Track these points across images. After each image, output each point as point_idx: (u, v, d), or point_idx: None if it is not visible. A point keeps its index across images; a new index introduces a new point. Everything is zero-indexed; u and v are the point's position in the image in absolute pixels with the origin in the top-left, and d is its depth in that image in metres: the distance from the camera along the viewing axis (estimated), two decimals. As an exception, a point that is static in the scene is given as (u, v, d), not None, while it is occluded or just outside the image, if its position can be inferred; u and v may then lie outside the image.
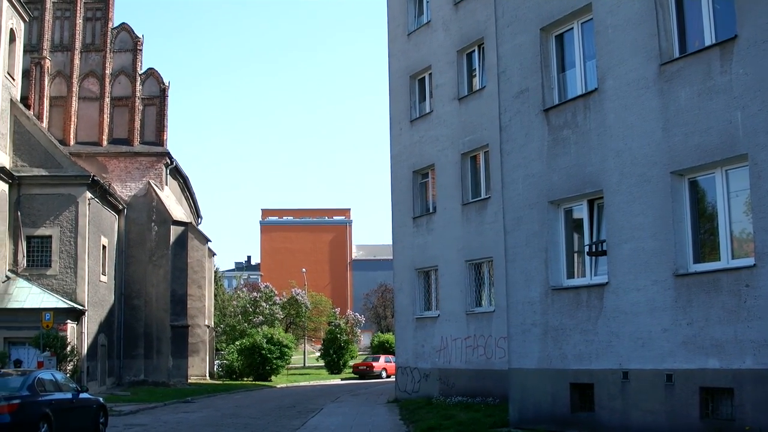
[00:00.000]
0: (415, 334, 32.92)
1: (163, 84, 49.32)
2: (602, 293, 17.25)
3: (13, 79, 40.76)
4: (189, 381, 48.14)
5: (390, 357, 57.60)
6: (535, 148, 19.35)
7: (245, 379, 56.50)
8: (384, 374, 59.29)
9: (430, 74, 33.27)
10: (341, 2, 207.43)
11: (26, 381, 20.70)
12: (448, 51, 31.93)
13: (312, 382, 57.00)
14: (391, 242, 35.61)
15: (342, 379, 60.47)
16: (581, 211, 18.44)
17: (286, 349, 57.93)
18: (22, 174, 39.54)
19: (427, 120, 33.16)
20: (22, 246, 39.27)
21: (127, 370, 46.79)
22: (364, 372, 60.78)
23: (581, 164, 18.01)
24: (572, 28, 19.11)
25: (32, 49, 47.07)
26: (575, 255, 18.79)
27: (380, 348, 69.42)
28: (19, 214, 39.24)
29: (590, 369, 17.46)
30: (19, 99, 41.53)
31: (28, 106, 44.36)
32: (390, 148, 35.42)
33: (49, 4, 48.17)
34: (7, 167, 38.75)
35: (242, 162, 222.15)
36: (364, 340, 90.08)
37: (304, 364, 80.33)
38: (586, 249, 18.14)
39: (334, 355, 66.07)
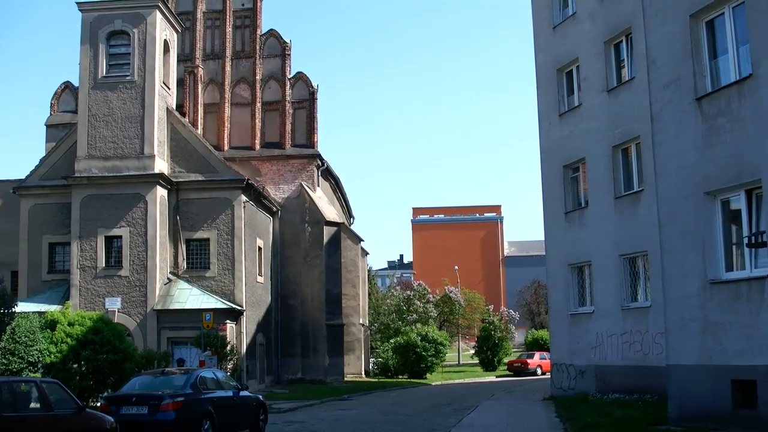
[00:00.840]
0: (569, 331, 32.41)
1: (312, 87, 50.08)
2: (763, 286, 16.57)
3: (169, 89, 42.23)
4: (345, 379, 48.70)
5: (545, 354, 56.82)
6: (689, 138, 18.74)
7: (400, 376, 56.74)
8: (539, 371, 58.55)
9: (578, 66, 32.64)
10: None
11: (189, 379, 21.37)
12: (595, 42, 31.26)
13: (467, 380, 56.79)
14: (543, 238, 35.17)
15: (497, 377, 60.04)
16: (739, 202, 17.76)
17: (441, 347, 57.90)
18: (180, 179, 40.90)
19: (576, 113, 32.57)
20: (182, 249, 40.62)
21: (285, 368, 47.75)
22: (518, 369, 60.17)
23: (738, 153, 17.35)
24: (723, 13, 18.41)
25: (185, 58, 48.66)
26: (733, 247, 18.11)
27: (534, 345, 68.62)
28: (178, 218, 40.62)
29: (752, 365, 16.80)
30: (174, 107, 43.00)
31: (183, 114, 45.85)
32: (539, 143, 34.97)
33: (199, 15, 49.71)
34: (166, 173, 40.19)
35: (392, 161, 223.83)
36: (518, 336, 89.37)
37: (459, 361, 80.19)
38: (745, 241, 17.44)
39: (488, 353, 65.74)
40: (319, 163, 49.78)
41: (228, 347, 36.20)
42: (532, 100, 38.78)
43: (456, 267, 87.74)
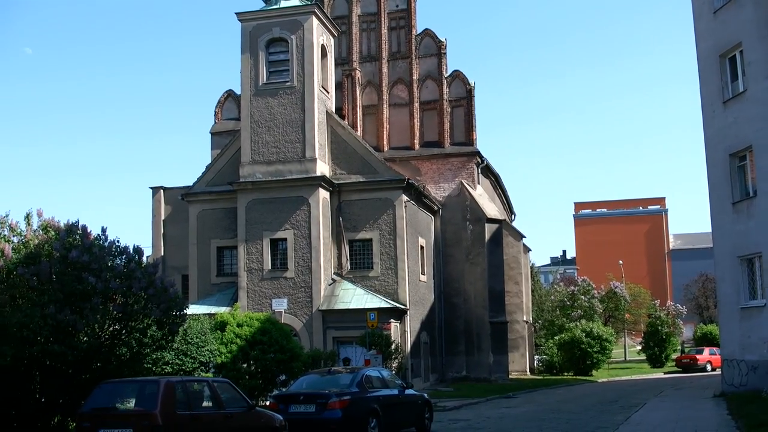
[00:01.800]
0: (740, 325, 31.15)
1: (469, 85, 49.94)
2: None
3: (328, 92, 42.91)
4: (510, 377, 48.38)
5: (714, 349, 55.09)
6: None
7: (565, 374, 56.05)
8: (708, 367, 56.80)
9: (741, 51, 31.33)
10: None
11: (355, 378, 21.62)
12: (759, 26, 29.91)
13: (633, 377, 55.59)
14: (710, 230, 33.93)
15: (664, 373, 58.56)
16: None
17: (606, 343, 56.90)
18: (342, 181, 41.49)
19: (740, 100, 31.27)
20: (345, 250, 41.19)
21: (449, 366, 47.78)
22: (687, 365, 58.53)
23: None
24: None
25: (343, 62, 49.35)
26: None
27: (703, 340, 66.47)
28: (340, 219, 41.23)
29: None
30: (334, 110, 43.67)
31: (342, 117, 46.49)
32: (703, 132, 33.76)
33: (355, 18, 50.33)
34: (328, 176, 40.84)
35: (553, 156, 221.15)
36: (686, 332, 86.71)
37: (625, 357, 78.56)
38: None
39: (655, 348, 64.18)
40: (479, 160, 49.58)
41: (392, 346, 36.43)
42: (694, 88, 37.31)
43: (620, 261, 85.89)
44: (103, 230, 22.18)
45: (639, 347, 74.05)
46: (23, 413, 20.00)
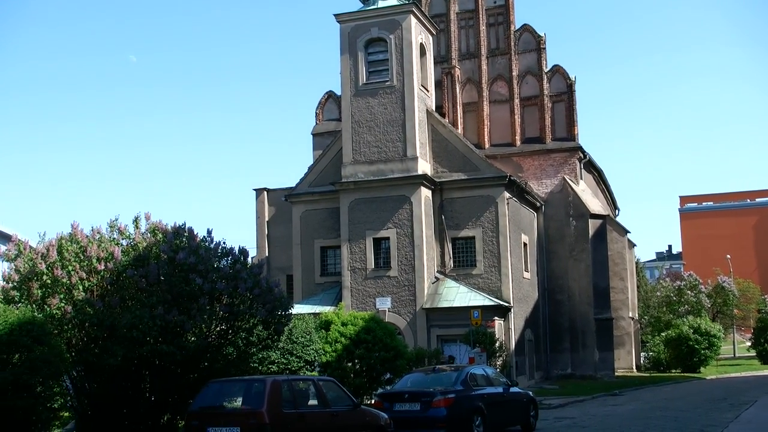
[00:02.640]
0: None
1: (569, 79, 49.37)
2: None
3: (427, 91, 42.93)
4: (615, 374, 47.67)
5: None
6: None
7: (672, 371, 54.97)
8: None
9: None
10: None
11: (460, 376, 21.61)
12: None
13: (743, 374, 54.16)
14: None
15: (776, 370, 56.93)
16: None
17: (714, 340, 55.61)
18: (443, 179, 41.45)
19: None
20: (448, 248, 41.17)
21: (554, 364, 47.34)
22: (801, 362, 56.81)
23: None
24: None
25: (441, 60, 49.32)
26: None
27: (820, 336, 64.26)
28: (443, 217, 41.22)
29: None
30: (434, 108, 43.67)
31: (443, 115, 46.45)
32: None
33: (453, 16, 50.21)
34: (429, 174, 40.85)
35: (657, 150, 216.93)
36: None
37: (734, 354, 76.59)
38: None
39: (766, 345, 62.37)
40: (581, 155, 48.97)
41: (497, 344, 36.24)
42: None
43: (728, 256, 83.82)
44: (209, 232, 22.64)
45: (749, 343, 72.02)
46: (134, 412, 20.51)
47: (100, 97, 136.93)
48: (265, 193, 47.53)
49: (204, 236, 22.43)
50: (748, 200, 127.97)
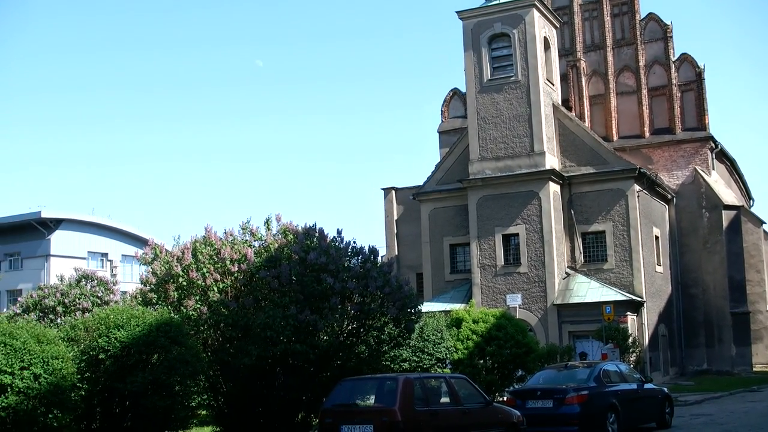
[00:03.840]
0: None
1: (698, 67, 48.08)
2: None
3: (553, 85, 42.54)
4: (753, 369, 46.21)
5: None
6: None
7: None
8: None
9: None
10: None
11: (593, 373, 21.32)
12: None
13: None
14: None
15: None
16: None
17: None
18: (571, 174, 41.02)
19: None
20: (578, 243, 40.72)
21: (689, 359, 46.23)
22: None
23: None
24: None
25: (566, 53, 48.71)
26: None
27: None
28: (572, 212, 40.78)
29: None
30: (560, 102, 43.25)
31: (569, 108, 45.96)
32: None
33: (576, 8, 49.51)
34: (557, 169, 40.47)
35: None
36: None
37: None
38: None
39: None
40: (713, 145, 47.68)
41: (630, 339, 35.62)
42: None
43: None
44: (339, 232, 22.95)
45: None
46: (269, 410, 20.92)
47: (230, 101, 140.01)
48: (393, 192, 47.85)
49: (334, 236, 22.74)
50: None
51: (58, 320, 30.69)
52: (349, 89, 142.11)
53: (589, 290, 38.87)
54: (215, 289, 21.05)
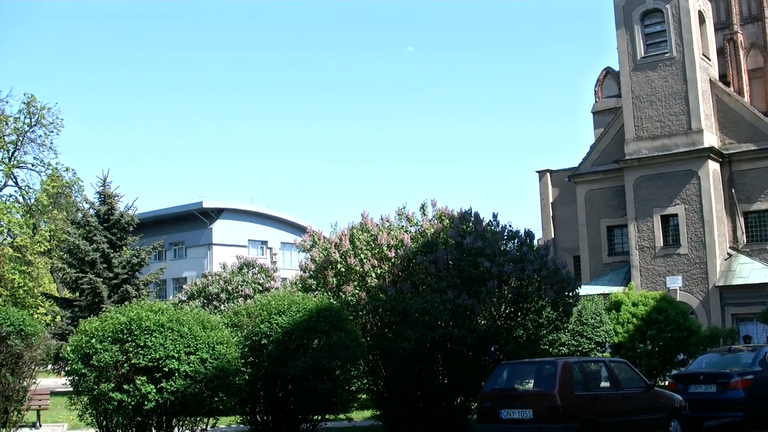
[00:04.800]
0: None
1: None
2: None
3: (709, 60, 41.33)
4: None
5: None
6: None
7: None
8: None
9: None
10: None
11: (758, 356, 20.62)
12: None
13: None
14: None
15: None
16: None
17: None
18: (731, 151, 39.79)
19: None
20: (740, 222, 39.47)
21: None
22: None
23: None
24: None
25: (722, 26, 46.98)
26: None
27: None
28: (733, 191, 39.55)
29: None
30: (717, 78, 41.93)
31: (727, 84, 44.42)
32: None
33: (732, -22, 47.75)
34: (716, 146, 39.31)
35: None
36: None
37: None
38: None
39: None
40: None
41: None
42: None
43: None
44: (494, 216, 22.90)
45: None
46: (428, 394, 21.11)
47: (380, 89, 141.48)
48: (548, 174, 47.39)
49: (490, 220, 22.70)
50: None
51: (222, 306, 31.86)
52: (502, 70, 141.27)
53: (752, 271, 37.66)
54: (373, 274, 21.33)
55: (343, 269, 21.69)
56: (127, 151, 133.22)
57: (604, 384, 17.10)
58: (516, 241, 22.61)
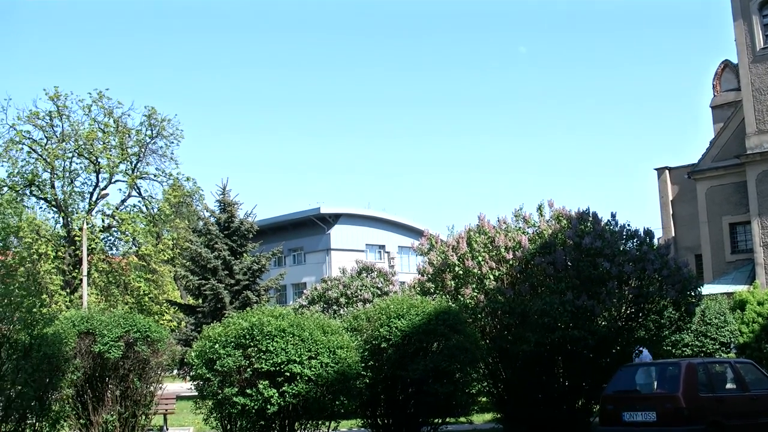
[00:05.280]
0: None
1: None
2: None
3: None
4: None
5: None
6: None
7: None
8: None
9: None
10: None
11: None
12: None
13: None
14: None
15: None
16: None
17: None
18: None
19: None
20: None
21: None
22: None
23: None
24: None
25: None
26: None
27: None
28: None
29: None
30: None
31: None
32: None
33: None
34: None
35: None
36: None
37: None
38: None
39: None
40: None
41: None
42: None
43: None
44: (613, 215, 22.63)
45: None
46: (549, 397, 20.95)
47: (494, 85, 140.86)
48: (667, 171, 46.41)
49: (608, 220, 22.47)
50: None
51: (341, 311, 32.17)
52: (615, 70, 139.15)
53: None
54: (491, 276, 21.31)
55: (460, 272, 21.73)
56: (245, 160, 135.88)
57: (730, 385, 16.72)
58: (635, 241, 22.31)
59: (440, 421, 18.38)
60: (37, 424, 15.42)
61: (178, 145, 54.67)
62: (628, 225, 22.60)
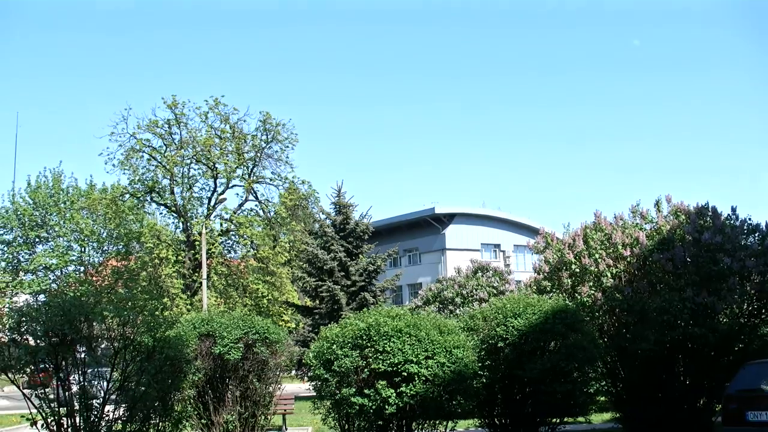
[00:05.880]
0: None
1: None
2: None
3: None
4: None
5: None
6: None
7: None
8: None
9: None
10: None
11: None
12: None
13: None
14: None
15: None
16: None
17: None
18: None
19: None
20: None
21: None
22: None
23: None
24: None
25: None
26: None
27: None
28: None
29: None
30: None
31: None
32: None
33: None
34: None
35: None
36: None
37: None
38: None
39: None
40: None
41: None
42: None
43: None
44: (733, 210, 22.08)
45: None
46: (669, 396, 20.55)
47: (608, 83, 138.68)
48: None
49: (728, 214, 21.92)
50: None
51: (457, 311, 32.16)
52: (716, 67, 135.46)
53: None
54: (608, 274, 21.04)
55: (577, 270, 21.52)
56: (360, 161, 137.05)
57: None
58: (757, 235, 21.72)
59: (558, 420, 18.20)
60: (160, 424, 15.77)
61: (293, 149, 55.14)
62: (749, 219, 22.01)
